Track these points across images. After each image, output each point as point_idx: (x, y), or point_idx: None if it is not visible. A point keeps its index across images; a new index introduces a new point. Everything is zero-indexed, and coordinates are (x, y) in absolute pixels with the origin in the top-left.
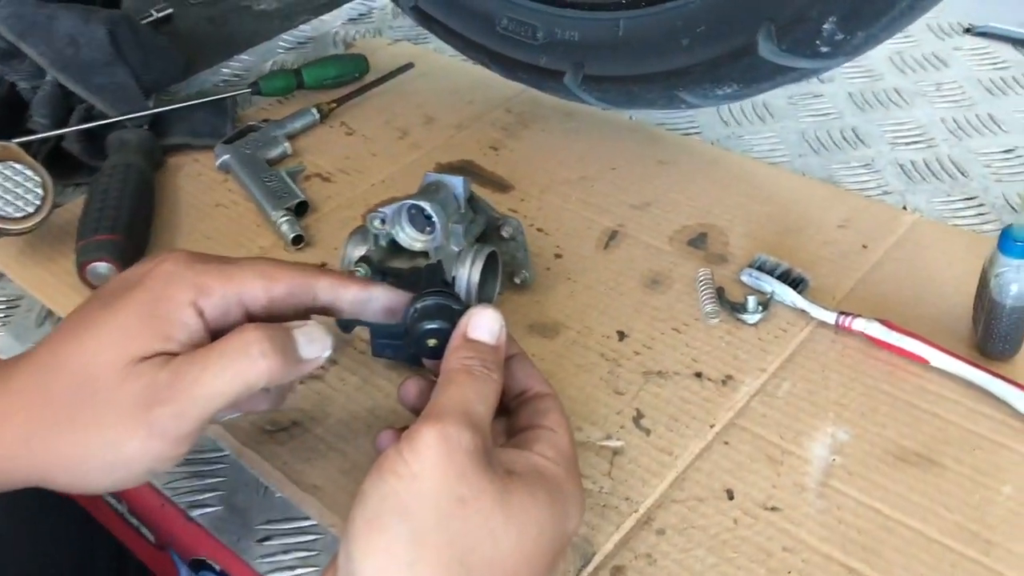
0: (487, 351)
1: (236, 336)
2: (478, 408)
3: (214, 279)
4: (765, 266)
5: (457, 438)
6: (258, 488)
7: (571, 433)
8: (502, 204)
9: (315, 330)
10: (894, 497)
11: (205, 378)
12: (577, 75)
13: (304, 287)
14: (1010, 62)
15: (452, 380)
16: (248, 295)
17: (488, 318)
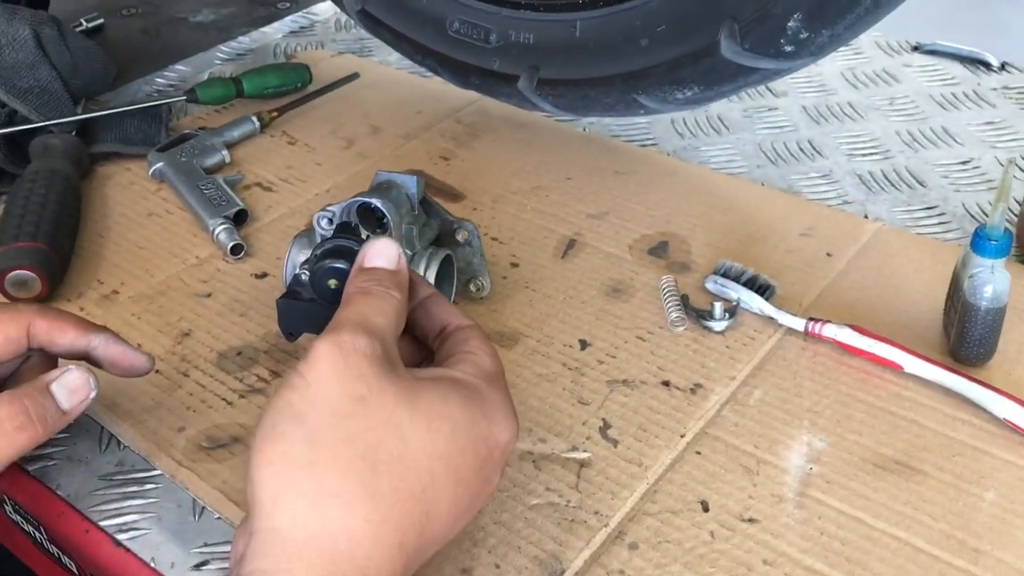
0: (384, 274)
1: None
2: (376, 320)
3: None
4: (730, 273)
5: (352, 343)
6: (193, 509)
7: (495, 356)
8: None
9: (73, 377)
10: (876, 506)
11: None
12: (532, 79)
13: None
14: (959, 78)
15: (348, 301)
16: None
17: (384, 244)
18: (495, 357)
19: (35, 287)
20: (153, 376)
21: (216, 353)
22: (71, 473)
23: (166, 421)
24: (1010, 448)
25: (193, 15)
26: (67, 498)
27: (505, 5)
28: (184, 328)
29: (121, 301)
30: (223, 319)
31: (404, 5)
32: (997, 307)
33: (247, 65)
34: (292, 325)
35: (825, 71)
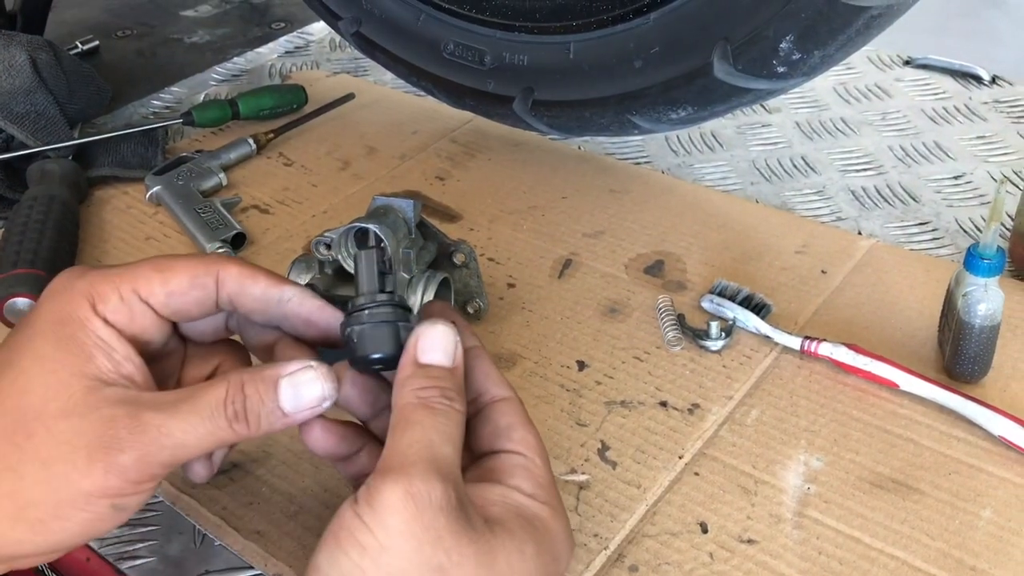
0: (444, 376)
1: (208, 390)
2: (444, 451)
3: (104, 283)
4: (726, 292)
5: (426, 494)
6: (195, 536)
7: (542, 448)
8: (450, 234)
9: (305, 377)
10: (874, 526)
11: (170, 427)
12: (527, 100)
13: (206, 276)
14: (951, 92)
15: (409, 420)
16: (145, 290)
17: (440, 336)
18: (543, 451)
19: None
20: None
21: None
22: None
23: None
24: (1005, 465)
25: (188, 36)
26: None
27: (499, 27)
28: None
29: None
30: None
31: (399, 28)
32: (991, 325)
33: (242, 86)
34: None
35: (818, 86)
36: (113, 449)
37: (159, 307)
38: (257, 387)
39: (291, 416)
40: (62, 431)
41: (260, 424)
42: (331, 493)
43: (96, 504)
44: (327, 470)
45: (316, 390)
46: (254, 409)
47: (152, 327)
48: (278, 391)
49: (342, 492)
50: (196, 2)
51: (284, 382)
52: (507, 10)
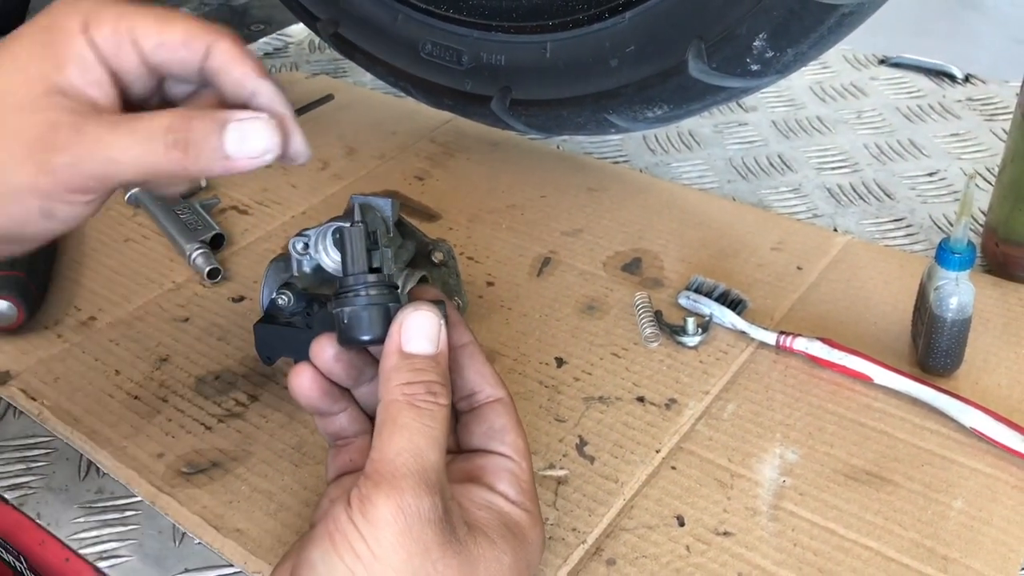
0: (429, 367)
1: (157, 115)
2: (431, 457)
3: (106, 9)
4: (702, 288)
5: (416, 508)
6: (174, 535)
7: (529, 452)
8: (430, 233)
9: (254, 126)
10: (848, 517)
11: (108, 141)
12: (504, 100)
13: (200, 41)
14: (925, 91)
15: (396, 421)
16: (141, 32)
17: (423, 321)
18: (528, 454)
19: (12, 316)
20: (132, 402)
21: (194, 378)
22: (50, 502)
23: (145, 447)
24: (977, 456)
25: None
26: (47, 527)
27: (476, 28)
28: (162, 353)
29: (99, 328)
30: (201, 344)
31: (377, 28)
32: (962, 318)
33: None
34: (269, 349)
35: (794, 85)
36: (48, 149)
37: (147, 52)
38: (204, 123)
39: (232, 160)
40: (9, 123)
41: (198, 158)
42: (311, 491)
43: (25, 201)
44: (307, 468)
45: (262, 140)
46: (195, 141)
47: (134, 70)
48: (224, 132)
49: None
50: (176, 5)
51: (232, 125)
52: (484, 10)
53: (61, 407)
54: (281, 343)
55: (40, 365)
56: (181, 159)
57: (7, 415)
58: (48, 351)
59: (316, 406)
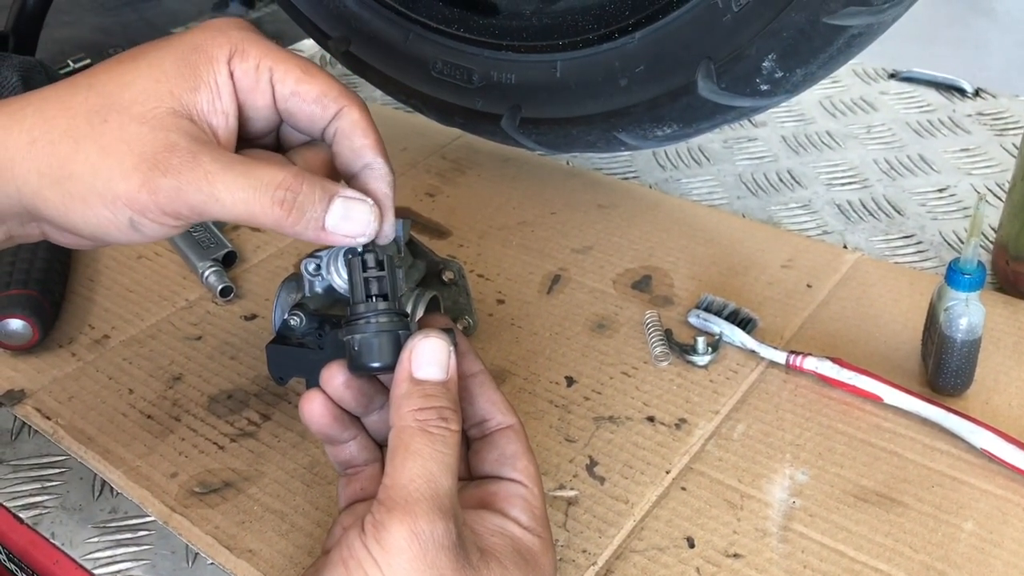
0: (439, 393)
1: (270, 166)
2: (444, 484)
3: (255, 46)
4: (712, 307)
5: (430, 534)
6: (187, 555)
7: (540, 478)
8: (440, 250)
9: (358, 208)
10: (858, 539)
11: (218, 179)
12: (514, 118)
13: (334, 102)
14: (935, 105)
15: (409, 448)
16: (280, 76)
17: (434, 349)
18: (539, 482)
19: (27, 335)
20: (145, 421)
21: (207, 397)
22: (65, 521)
23: (159, 467)
24: (988, 478)
25: None
26: (61, 547)
27: (487, 47)
28: (175, 372)
29: (112, 346)
30: (214, 362)
31: (387, 47)
32: (972, 339)
33: None
34: (282, 370)
35: (803, 100)
36: (158, 168)
37: (280, 98)
38: (315, 189)
39: (327, 232)
40: (130, 131)
41: (298, 221)
42: (323, 512)
43: (119, 209)
44: (319, 488)
45: (361, 223)
46: (301, 205)
47: (264, 109)
48: (331, 203)
49: (334, 511)
50: (187, 19)
51: (339, 200)
52: (494, 29)
53: (75, 426)
54: (293, 364)
55: (54, 384)
56: (282, 217)
57: (22, 434)
58: (62, 370)
59: (327, 433)
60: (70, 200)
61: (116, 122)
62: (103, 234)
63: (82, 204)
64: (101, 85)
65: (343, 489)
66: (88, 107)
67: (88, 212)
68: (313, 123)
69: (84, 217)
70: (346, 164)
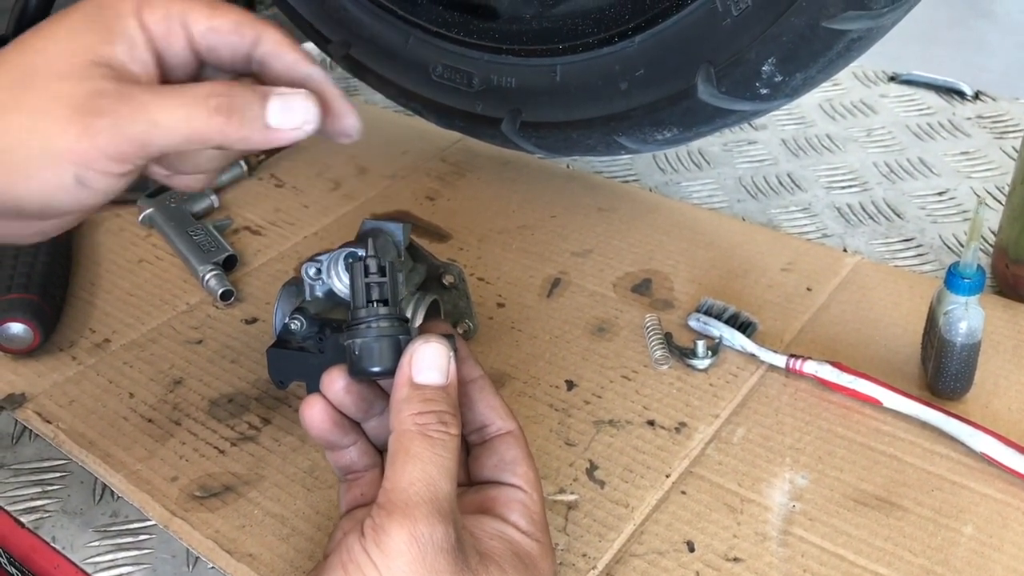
0: (439, 397)
1: (202, 84)
2: (444, 487)
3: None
4: (712, 310)
5: (429, 537)
6: (188, 559)
7: (540, 483)
8: (440, 254)
9: (296, 99)
10: (857, 543)
11: (152, 104)
12: (515, 122)
13: (251, 28)
14: (935, 108)
15: (408, 451)
16: (192, 17)
17: (433, 353)
18: (539, 487)
19: (28, 339)
20: (146, 425)
21: (208, 401)
22: (66, 526)
23: (159, 471)
24: (987, 482)
25: None
26: (62, 551)
27: (487, 50)
28: (176, 376)
29: (113, 350)
30: (214, 366)
31: (388, 50)
32: (972, 343)
33: None
34: (282, 374)
35: (803, 103)
36: (92, 113)
37: (197, 36)
38: (246, 93)
39: (273, 130)
40: (56, 89)
41: (241, 125)
42: (323, 516)
43: (62, 168)
44: (320, 493)
45: (303, 109)
46: (238, 107)
47: (181, 51)
48: (267, 102)
49: (334, 515)
50: None
51: (275, 97)
52: (494, 33)
53: (76, 430)
54: (293, 367)
55: (55, 388)
56: (223, 124)
57: (23, 438)
58: (63, 374)
59: (326, 438)
60: (11, 172)
61: (40, 85)
62: (50, 199)
63: (24, 174)
64: (16, 57)
65: (343, 494)
66: (9, 80)
67: (31, 180)
68: (235, 53)
69: (28, 186)
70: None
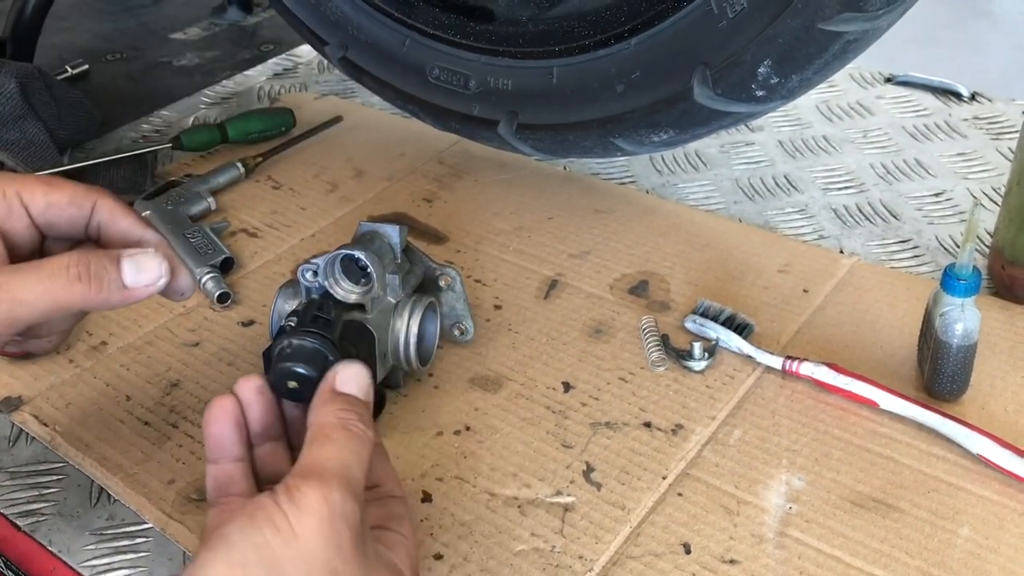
0: (360, 406)
1: (58, 257)
2: (356, 473)
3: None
4: (709, 312)
5: (340, 506)
6: (183, 562)
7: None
8: (437, 256)
9: (145, 258)
10: (854, 544)
11: (13, 283)
12: (511, 124)
13: (85, 200)
14: (931, 109)
15: (329, 436)
16: (28, 196)
17: (358, 372)
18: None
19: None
20: (142, 428)
21: (204, 403)
22: (62, 528)
23: (156, 474)
24: (984, 483)
25: (177, 59)
26: (58, 554)
27: (483, 52)
28: (172, 378)
29: (110, 352)
30: (211, 368)
31: (385, 53)
32: (968, 344)
33: (231, 108)
34: None
35: (800, 104)
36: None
37: (36, 214)
38: (101, 259)
39: (130, 289)
40: None
41: (100, 288)
42: None
43: None
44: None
45: (154, 269)
46: (97, 275)
47: (23, 231)
48: (120, 264)
49: None
50: (185, 25)
51: (126, 259)
52: (491, 35)
53: (73, 433)
54: None
55: (52, 390)
56: (85, 291)
57: (20, 441)
58: (60, 376)
59: (220, 437)
60: None
61: None
62: None
63: None
64: None
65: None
66: None
67: None
68: (74, 224)
69: None
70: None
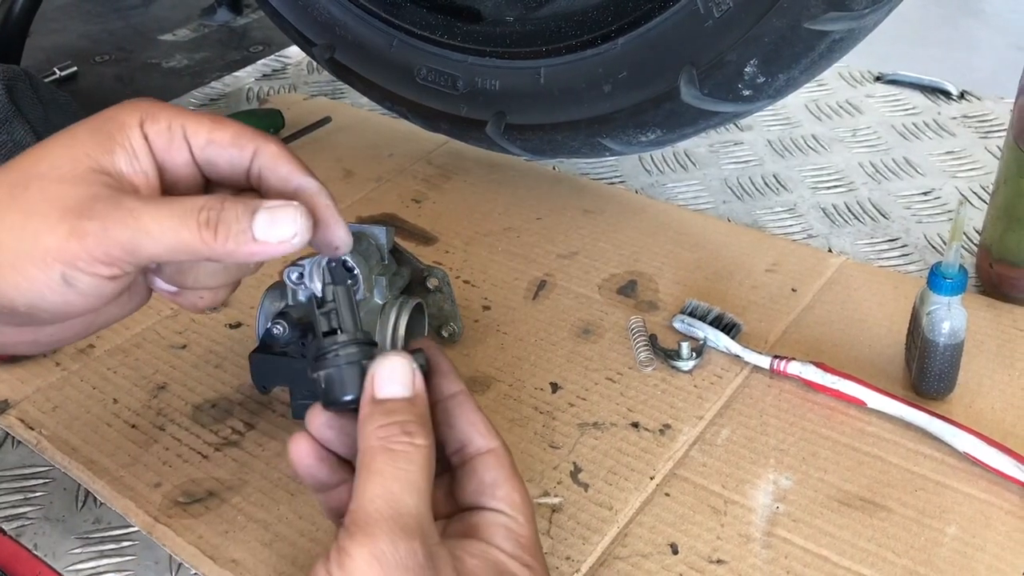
0: (403, 409)
1: (196, 197)
2: (407, 502)
3: (164, 110)
4: (696, 312)
5: (391, 556)
6: (171, 565)
7: (527, 504)
8: (426, 256)
9: (283, 211)
10: (841, 544)
11: (142, 212)
12: (499, 124)
13: (249, 141)
14: (920, 108)
15: (371, 468)
16: (193, 130)
17: (394, 367)
18: (529, 507)
19: None
20: (129, 431)
21: (191, 406)
22: (48, 532)
23: (142, 477)
24: (971, 481)
25: (166, 61)
26: (44, 558)
27: (471, 53)
28: (159, 381)
29: (97, 355)
30: (198, 371)
31: (372, 54)
32: (955, 343)
33: (221, 110)
34: (265, 379)
35: (789, 103)
36: (83, 215)
37: (197, 150)
38: (236, 207)
39: (260, 244)
40: (51, 191)
41: (228, 239)
42: (307, 521)
43: (49, 264)
44: (303, 498)
45: (290, 222)
46: (226, 222)
47: (183, 166)
48: (254, 216)
49: (318, 520)
50: (174, 26)
51: (263, 210)
52: (478, 36)
53: (59, 436)
54: (276, 373)
55: (38, 394)
56: (211, 238)
57: (5, 444)
58: (46, 379)
59: (314, 475)
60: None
61: (37, 187)
62: (37, 298)
63: (12, 270)
64: (19, 162)
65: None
66: (9, 181)
67: (19, 276)
68: (234, 167)
69: (15, 283)
70: (280, 194)
